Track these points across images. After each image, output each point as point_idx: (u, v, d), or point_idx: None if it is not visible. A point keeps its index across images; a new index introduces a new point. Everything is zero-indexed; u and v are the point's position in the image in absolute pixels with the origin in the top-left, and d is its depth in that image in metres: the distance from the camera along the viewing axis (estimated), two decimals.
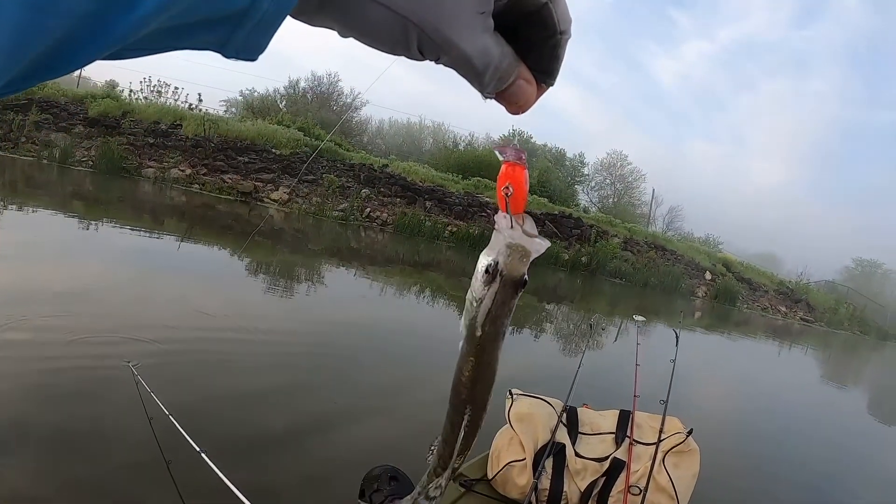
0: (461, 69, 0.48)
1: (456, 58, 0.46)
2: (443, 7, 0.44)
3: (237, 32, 0.40)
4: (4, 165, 15.44)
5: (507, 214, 0.63)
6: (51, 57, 0.32)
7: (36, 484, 2.72)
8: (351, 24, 0.45)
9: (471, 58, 0.46)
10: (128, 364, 3.10)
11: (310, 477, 3.28)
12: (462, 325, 0.66)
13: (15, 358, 3.99)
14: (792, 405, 8.49)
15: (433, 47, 0.45)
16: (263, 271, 9.10)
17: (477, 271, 0.63)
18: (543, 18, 0.48)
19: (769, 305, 24.63)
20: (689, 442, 2.96)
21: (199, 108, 21.55)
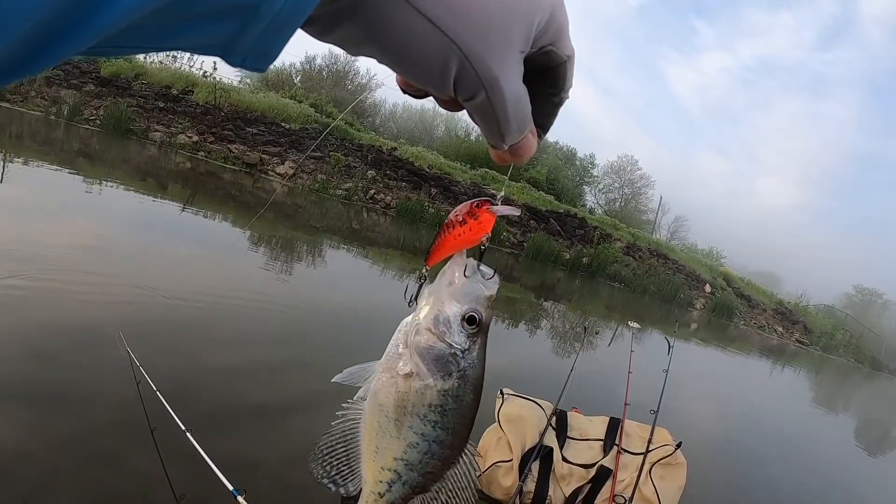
0: (491, 114, 0.44)
1: (494, 99, 0.42)
2: (492, 38, 0.40)
3: (246, 32, 0.35)
4: (12, 118, 15.35)
5: (476, 263, 0.66)
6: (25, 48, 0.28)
7: (23, 438, 2.72)
8: (386, 39, 0.39)
9: (507, 102, 0.43)
10: (118, 334, 3.07)
11: (292, 456, 3.23)
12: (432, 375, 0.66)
13: (9, 314, 3.96)
14: (780, 427, 8.46)
15: (472, 83, 0.41)
16: (263, 245, 9.06)
17: (447, 318, 0.65)
18: (557, 76, 0.47)
19: (766, 324, 24.58)
20: (678, 455, 2.93)
21: (213, 76, 21.42)
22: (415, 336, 0.66)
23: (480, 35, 0.39)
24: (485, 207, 0.63)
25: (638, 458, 2.95)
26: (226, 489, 2.11)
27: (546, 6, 0.42)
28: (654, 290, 21.11)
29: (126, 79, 20.15)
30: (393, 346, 0.69)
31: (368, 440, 0.72)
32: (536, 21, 0.41)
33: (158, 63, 23.10)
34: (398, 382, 0.67)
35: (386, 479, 0.72)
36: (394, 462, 0.70)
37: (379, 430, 0.70)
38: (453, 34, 0.38)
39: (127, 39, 0.32)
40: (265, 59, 0.38)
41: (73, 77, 19.46)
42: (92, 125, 17.29)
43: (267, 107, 20.48)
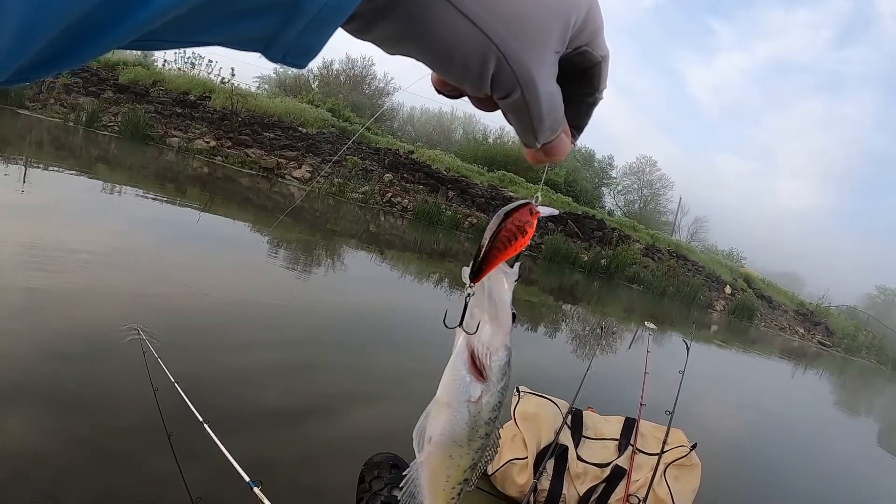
0: (525, 112, 0.44)
1: (529, 97, 0.43)
2: (529, 36, 0.40)
3: (288, 28, 0.35)
4: (32, 125, 15.57)
5: None
6: (65, 42, 0.29)
7: (42, 439, 2.74)
8: (425, 37, 0.39)
9: (541, 100, 0.43)
10: (136, 329, 3.11)
11: (309, 456, 3.26)
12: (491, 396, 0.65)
13: (30, 316, 4.01)
14: (799, 431, 8.34)
15: (508, 81, 0.41)
16: (282, 248, 9.11)
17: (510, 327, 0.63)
18: (592, 76, 0.47)
19: (787, 325, 24.28)
20: (692, 456, 2.92)
21: (231, 82, 21.67)
22: (493, 357, 0.63)
23: (518, 33, 0.39)
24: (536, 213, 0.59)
25: (653, 458, 2.94)
26: (242, 486, 2.13)
27: (583, 6, 0.42)
28: (673, 291, 20.93)
29: (144, 85, 20.43)
30: (456, 381, 0.65)
31: (438, 476, 0.70)
32: (573, 21, 0.42)
33: (177, 70, 23.40)
34: (469, 409, 0.65)
35: (456, 493, 0.72)
36: (464, 474, 0.70)
37: (450, 462, 0.69)
38: (492, 32, 0.39)
39: (167, 34, 0.33)
40: (306, 55, 0.38)
41: (91, 84, 19.75)
42: (110, 131, 17.50)
43: (283, 111, 20.65)
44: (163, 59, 24.51)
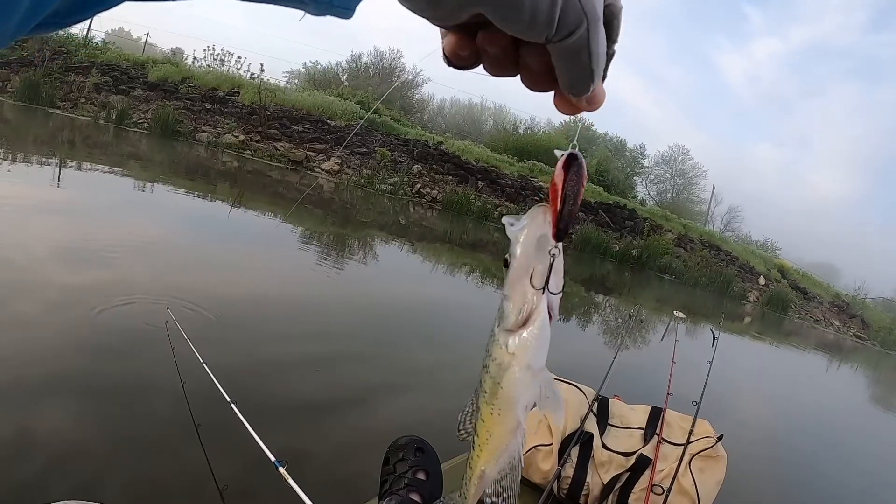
0: (585, 52, 0.44)
1: (593, 33, 0.42)
2: None
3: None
4: (63, 124, 15.89)
5: None
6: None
7: (80, 430, 2.80)
8: None
9: (600, 37, 0.43)
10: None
11: (341, 446, 3.29)
12: None
13: (66, 309, 4.09)
14: (832, 427, 8.16)
15: (576, 17, 0.41)
16: (312, 241, 9.19)
17: None
18: (612, 28, 0.47)
19: (822, 318, 23.79)
20: (718, 448, 2.87)
21: (260, 77, 21.86)
22: None
23: None
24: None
25: (678, 448, 2.90)
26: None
27: None
28: (705, 282, 20.64)
29: (173, 83, 20.70)
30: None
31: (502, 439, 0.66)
32: None
33: (206, 67, 23.66)
34: None
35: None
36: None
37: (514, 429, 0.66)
38: None
39: None
40: (349, 5, 0.39)
41: (121, 83, 20.09)
42: (140, 128, 17.83)
43: (312, 105, 20.76)
44: (192, 57, 24.90)
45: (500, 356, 0.59)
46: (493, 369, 0.60)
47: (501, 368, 0.60)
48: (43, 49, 19.69)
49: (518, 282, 0.58)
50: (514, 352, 0.59)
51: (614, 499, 2.83)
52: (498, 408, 0.62)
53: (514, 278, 0.58)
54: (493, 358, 0.60)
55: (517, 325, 0.58)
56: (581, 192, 0.55)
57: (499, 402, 0.62)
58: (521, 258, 0.58)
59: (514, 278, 0.58)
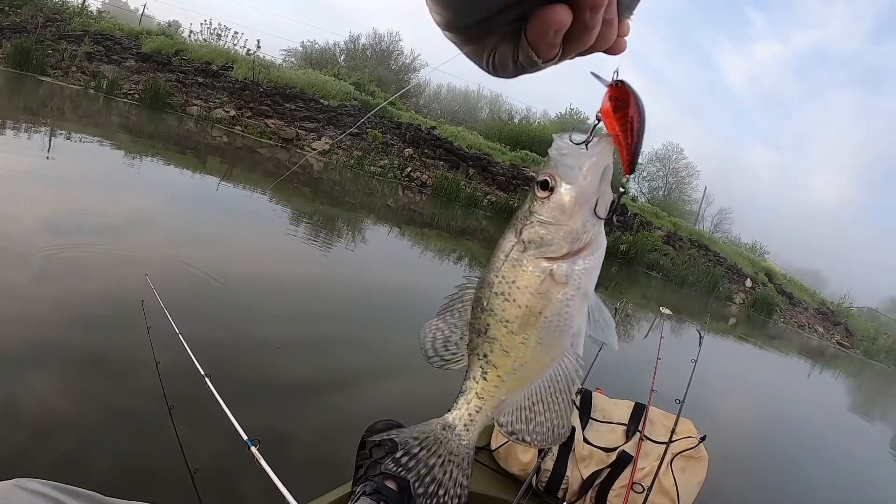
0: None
1: None
2: None
3: None
4: (53, 92, 15.66)
5: None
6: None
7: (64, 402, 2.77)
8: None
9: None
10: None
11: (320, 428, 3.25)
12: None
13: (52, 281, 4.02)
14: (813, 433, 8.17)
15: None
16: (300, 221, 9.07)
17: None
18: None
19: (806, 323, 23.95)
20: (700, 448, 2.82)
21: (256, 53, 21.59)
22: None
23: None
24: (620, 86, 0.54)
25: (660, 447, 2.84)
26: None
27: None
28: (692, 281, 20.70)
29: (167, 55, 20.43)
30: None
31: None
32: None
33: (204, 41, 23.33)
34: None
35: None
36: None
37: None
38: None
39: None
40: None
41: (114, 53, 19.82)
42: (130, 99, 17.56)
43: (306, 83, 20.55)
44: (188, 30, 24.52)
45: (540, 284, 0.57)
46: (528, 299, 0.58)
47: (545, 298, 0.57)
48: (36, 16, 19.33)
49: (580, 209, 0.56)
50: (569, 280, 0.57)
51: (593, 494, 2.77)
52: (536, 339, 0.59)
53: (575, 205, 0.56)
54: (525, 287, 0.57)
55: (571, 253, 0.57)
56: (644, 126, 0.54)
57: (538, 332, 0.59)
58: (587, 187, 0.56)
59: (573, 205, 0.56)
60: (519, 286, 0.57)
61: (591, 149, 0.55)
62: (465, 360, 0.64)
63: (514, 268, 0.57)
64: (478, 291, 0.62)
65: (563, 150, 0.56)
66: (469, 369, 0.64)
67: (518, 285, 0.58)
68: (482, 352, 0.62)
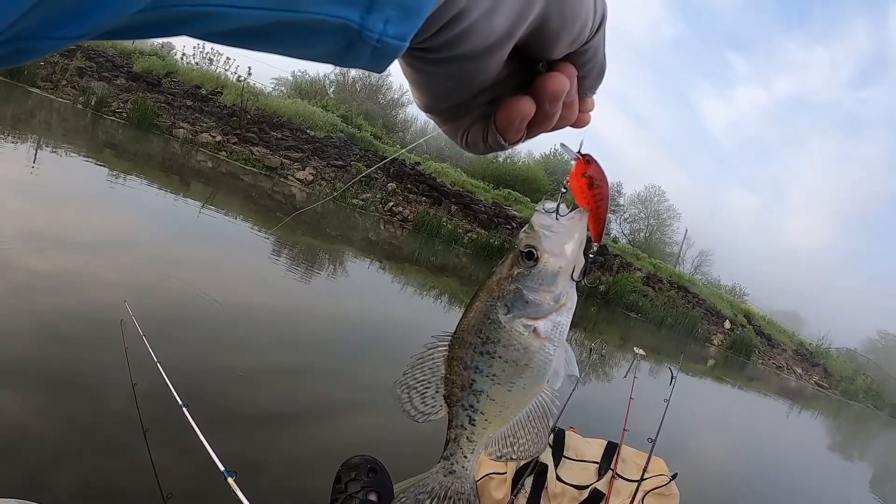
0: (602, 47, 0.51)
1: (603, 29, 0.49)
2: None
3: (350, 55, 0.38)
4: (42, 104, 15.68)
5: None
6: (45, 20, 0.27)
7: (34, 418, 2.76)
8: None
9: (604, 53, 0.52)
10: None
11: (294, 458, 3.23)
12: None
13: (30, 297, 4.00)
14: (790, 472, 8.18)
15: (602, 8, 0.47)
16: (281, 251, 9.04)
17: None
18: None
19: (785, 364, 24.09)
20: (672, 486, 2.83)
21: (247, 80, 21.70)
22: None
23: None
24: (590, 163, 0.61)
25: (632, 484, 2.84)
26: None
27: None
28: (671, 322, 20.81)
29: (157, 76, 20.51)
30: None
31: None
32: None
33: (194, 64, 23.43)
34: None
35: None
36: None
37: None
38: None
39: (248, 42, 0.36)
40: (384, 60, 0.40)
41: (104, 70, 19.91)
42: (118, 117, 17.61)
43: (294, 113, 20.64)
44: (181, 53, 24.60)
45: (525, 342, 0.63)
46: (514, 355, 0.63)
47: (529, 352, 0.63)
48: None
49: (562, 277, 0.62)
50: (549, 335, 0.63)
51: None
52: (521, 384, 0.65)
53: (559, 275, 0.62)
54: (510, 345, 0.63)
55: (551, 313, 0.63)
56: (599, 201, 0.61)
57: (522, 379, 0.65)
58: (570, 258, 0.63)
59: (557, 274, 0.62)
60: (504, 345, 0.63)
61: (573, 224, 0.62)
62: (443, 410, 0.68)
63: (498, 329, 0.63)
64: (456, 351, 0.66)
65: (548, 224, 0.61)
66: (454, 418, 0.68)
67: (503, 344, 0.63)
68: (467, 403, 0.66)
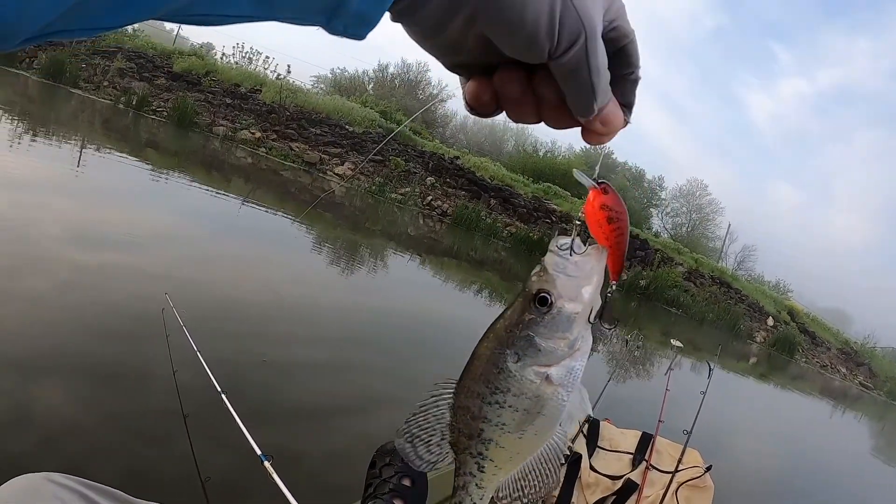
0: (585, 66, 0.44)
1: (591, 47, 0.43)
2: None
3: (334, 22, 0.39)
4: (85, 105, 16.13)
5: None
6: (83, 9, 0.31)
7: (77, 410, 2.81)
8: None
9: (598, 52, 0.44)
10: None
11: (336, 450, 3.27)
12: None
13: (76, 293, 4.11)
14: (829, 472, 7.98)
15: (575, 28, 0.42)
16: (322, 245, 9.17)
17: None
18: (628, 54, 0.48)
19: (829, 363, 23.49)
20: (706, 478, 2.81)
21: (286, 78, 22.04)
22: None
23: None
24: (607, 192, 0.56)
25: (666, 476, 2.84)
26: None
27: None
28: (712, 318, 20.45)
29: (197, 75, 20.92)
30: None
31: None
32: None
33: (235, 64, 23.83)
34: None
35: None
36: None
37: None
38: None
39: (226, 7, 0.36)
40: (366, 25, 0.40)
41: (145, 70, 20.36)
42: (158, 116, 18.02)
43: (332, 109, 20.86)
44: (220, 53, 25.08)
45: (537, 390, 0.59)
46: (525, 403, 0.60)
47: (541, 400, 0.59)
48: None
49: (578, 323, 0.58)
50: (563, 381, 0.59)
51: None
52: (532, 431, 0.62)
53: (575, 321, 0.58)
54: (521, 394, 0.59)
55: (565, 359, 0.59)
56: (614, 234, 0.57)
57: (534, 427, 0.61)
58: (587, 303, 0.58)
59: (573, 321, 0.57)
60: (515, 394, 0.59)
61: (590, 264, 0.57)
62: (449, 457, 0.65)
63: (508, 378, 0.59)
64: (463, 400, 0.63)
65: (562, 266, 0.57)
66: (462, 465, 0.65)
67: (514, 393, 0.59)
68: (475, 451, 0.63)
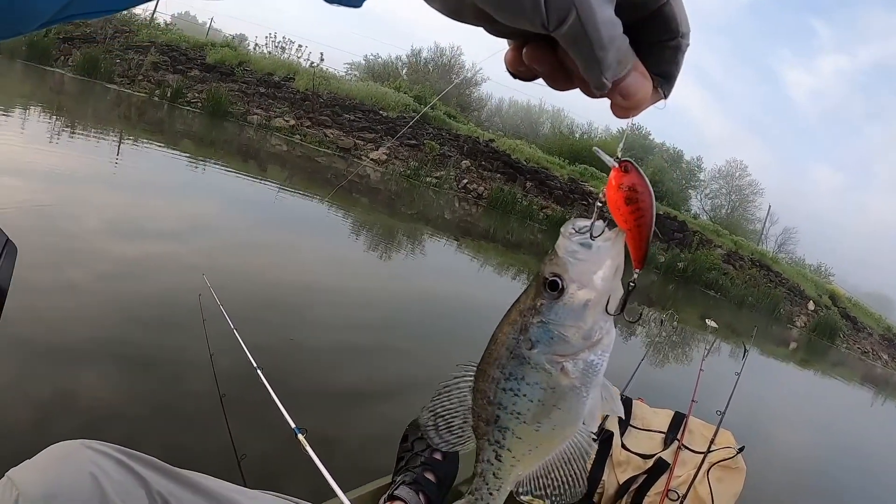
0: (584, 38, 0.41)
1: (585, 18, 0.40)
2: None
3: None
4: (120, 99, 16.47)
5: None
6: None
7: (116, 397, 2.90)
8: None
9: (599, 24, 0.40)
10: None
11: (370, 434, 3.31)
12: None
13: (115, 283, 4.22)
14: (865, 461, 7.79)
15: (564, 2, 0.39)
16: (358, 230, 9.26)
17: None
18: (665, 18, 0.44)
19: (870, 350, 22.88)
20: (738, 459, 2.81)
21: (319, 66, 22.18)
22: None
23: None
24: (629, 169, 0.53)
25: (697, 456, 2.84)
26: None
27: None
28: (752, 301, 20.10)
29: (230, 66, 21.14)
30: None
31: None
32: None
33: (267, 53, 24.04)
34: None
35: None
36: None
37: None
38: None
39: None
40: None
41: (179, 63, 20.62)
42: (193, 107, 18.30)
43: (366, 95, 20.95)
44: (253, 43, 25.35)
45: (552, 381, 0.56)
46: (539, 394, 0.57)
47: (557, 392, 0.57)
48: (105, 27, 20.54)
49: (591, 311, 0.54)
50: (581, 374, 0.56)
51: (628, 500, 2.79)
52: (550, 425, 0.59)
53: (587, 308, 0.54)
54: (535, 384, 0.57)
55: (582, 351, 0.55)
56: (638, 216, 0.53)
57: (551, 420, 0.59)
58: (600, 289, 0.54)
59: (585, 308, 0.54)
60: (529, 383, 0.57)
61: (605, 248, 0.54)
62: (471, 442, 0.64)
63: (521, 365, 0.57)
64: (480, 383, 0.61)
65: (574, 249, 0.54)
66: (481, 451, 0.63)
67: (528, 381, 0.57)
68: (493, 438, 0.61)
